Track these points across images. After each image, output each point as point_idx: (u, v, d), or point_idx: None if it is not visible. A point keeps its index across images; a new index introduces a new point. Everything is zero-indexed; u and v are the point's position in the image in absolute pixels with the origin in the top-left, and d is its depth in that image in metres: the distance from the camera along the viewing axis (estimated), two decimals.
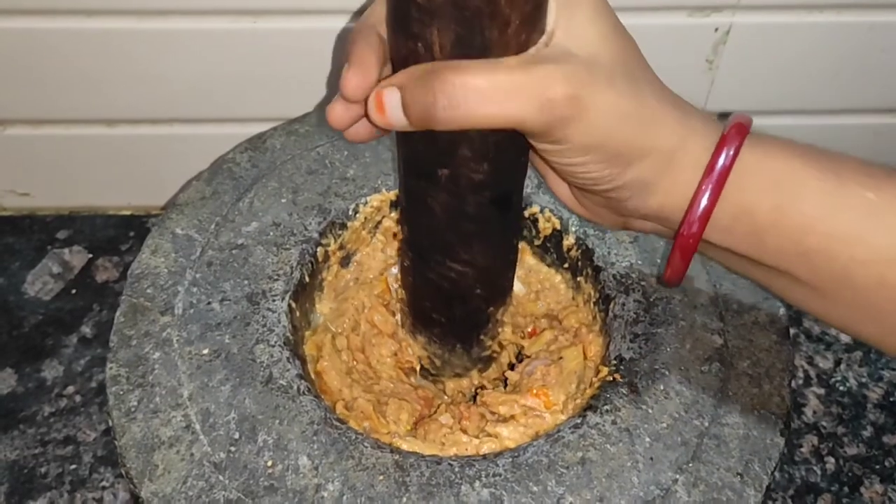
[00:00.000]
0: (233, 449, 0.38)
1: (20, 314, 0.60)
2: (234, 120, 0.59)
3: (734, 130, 0.29)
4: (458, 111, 0.28)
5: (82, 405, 0.56)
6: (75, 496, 0.52)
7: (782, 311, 0.43)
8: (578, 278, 0.47)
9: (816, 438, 0.55)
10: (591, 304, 0.46)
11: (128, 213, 0.66)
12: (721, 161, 0.29)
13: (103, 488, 0.52)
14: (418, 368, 0.46)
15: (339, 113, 0.32)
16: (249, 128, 0.54)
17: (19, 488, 0.52)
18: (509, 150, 0.32)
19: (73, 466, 0.53)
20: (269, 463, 0.37)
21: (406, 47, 0.29)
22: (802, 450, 0.54)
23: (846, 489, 0.53)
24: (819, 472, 0.54)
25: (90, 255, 0.63)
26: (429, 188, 0.34)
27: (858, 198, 0.28)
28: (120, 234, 0.65)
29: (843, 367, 0.59)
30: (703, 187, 0.29)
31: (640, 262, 0.45)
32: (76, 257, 0.63)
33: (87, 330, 0.59)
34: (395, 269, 0.48)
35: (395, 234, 0.49)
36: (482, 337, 0.43)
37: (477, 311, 0.41)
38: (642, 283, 0.44)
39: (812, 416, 0.56)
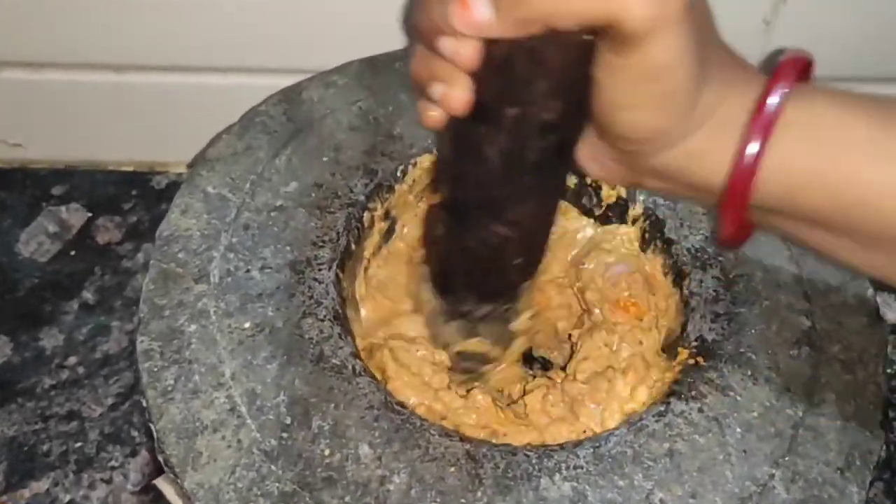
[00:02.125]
0: (285, 435, 0.34)
1: (14, 276, 0.54)
2: (253, 70, 0.54)
3: (785, 69, 0.27)
4: None
5: (86, 377, 0.51)
6: (82, 476, 0.47)
7: (870, 291, 0.40)
8: (647, 251, 0.44)
9: None
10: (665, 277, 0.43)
11: (129, 168, 0.61)
12: (768, 109, 0.27)
13: (112, 468, 0.48)
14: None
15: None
16: (271, 80, 0.49)
17: (19, 467, 0.47)
18: (583, 85, 0.28)
19: (79, 444, 0.48)
20: (327, 452, 0.33)
21: None
22: None
23: None
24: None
25: (89, 214, 0.58)
26: (489, 132, 0.30)
27: None
28: (121, 192, 0.60)
29: (888, 349, 0.56)
30: (753, 134, 0.27)
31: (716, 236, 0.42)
32: (74, 216, 0.58)
33: (88, 295, 0.54)
34: None
35: None
36: (508, 311, 0.40)
37: (510, 286, 0.38)
38: (720, 258, 0.41)
39: None
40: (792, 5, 0.53)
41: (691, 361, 0.38)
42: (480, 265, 0.36)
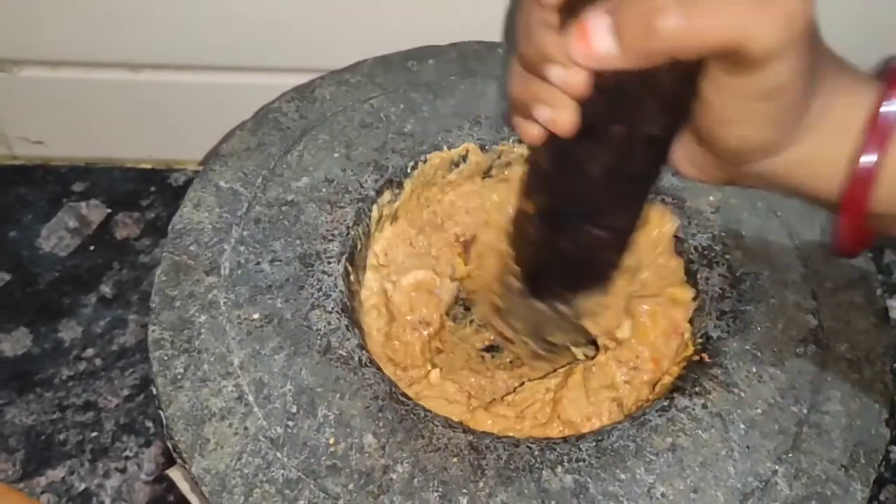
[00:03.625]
0: (290, 424, 0.34)
1: (35, 270, 0.56)
2: (270, 69, 0.55)
3: None
4: (693, 21, 0.24)
5: (103, 369, 0.52)
6: (97, 465, 0.48)
7: (879, 290, 0.40)
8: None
9: None
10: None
11: (148, 166, 0.62)
12: (883, 114, 0.27)
13: (126, 458, 0.49)
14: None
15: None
16: (286, 79, 0.49)
17: (36, 455, 0.48)
18: (689, 99, 0.29)
19: (94, 434, 0.49)
20: (332, 440, 0.34)
21: None
22: None
23: None
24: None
25: (109, 210, 0.59)
26: (593, 149, 0.30)
27: None
28: (140, 188, 0.61)
29: None
30: (870, 142, 0.27)
31: (723, 234, 0.42)
32: (94, 212, 0.59)
33: (106, 289, 0.55)
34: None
35: None
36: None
37: (601, 280, 0.39)
38: (727, 256, 0.41)
39: None
40: None
41: (696, 358, 0.38)
42: (574, 264, 0.36)
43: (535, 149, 0.34)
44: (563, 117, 0.29)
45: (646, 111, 0.28)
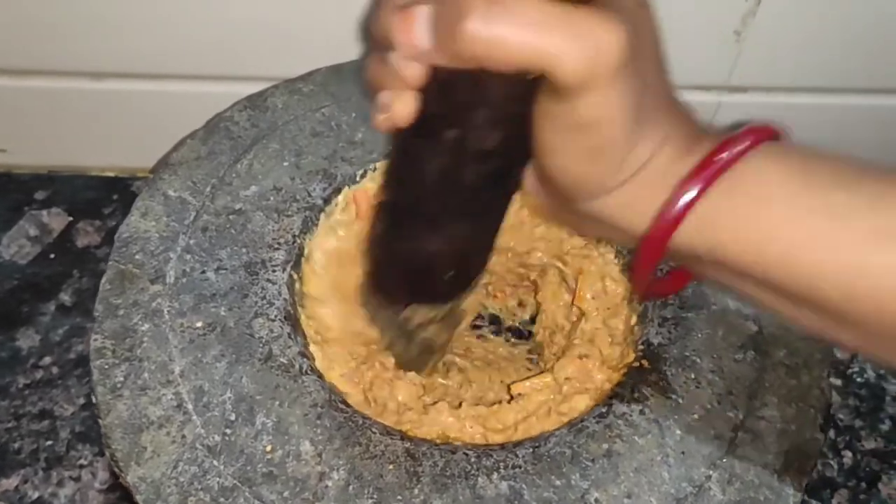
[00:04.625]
0: (228, 431, 0.34)
1: None
2: (233, 78, 0.55)
3: (744, 135, 0.27)
4: (493, 29, 0.24)
5: (59, 377, 0.52)
6: (51, 474, 0.48)
7: None
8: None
9: (833, 431, 0.53)
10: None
11: (111, 174, 0.62)
12: (716, 160, 0.26)
13: (81, 466, 0.49)
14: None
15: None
16: (249, 87, 0.50)
17: None
18: (526, 120, 0.28)
19: (49, 442, 0.49)
20: (269, 448, 0.34)
21: None
22: None
23: (863, 484, 0.51)
24: (836, 466, 0.51)
25: (70, 219, 0.59)
26: (429, 148, 0.30)
27: (822, 199, 0.25)
28: (102, 196, 0.61)
29: (860, 358, 0.56)
30: (686, 187, 0.26)
31: None
32: (55, 220, 0.59)
33: (65, 297, 0.55)
34: None
35: None
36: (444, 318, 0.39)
37: (441, 296, 0.37)
38: (671, 264, 0.41)
39: None
40: (762, 17, 0.54)
41: (636, 364, 0.38)
42: (412, 271, 0.36)
43: (391, 138, 0.33)
44: (398, 106, 0.28)
45: (477, 120, 0.28)
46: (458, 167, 0.30)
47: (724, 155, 0.26)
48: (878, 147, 0.61)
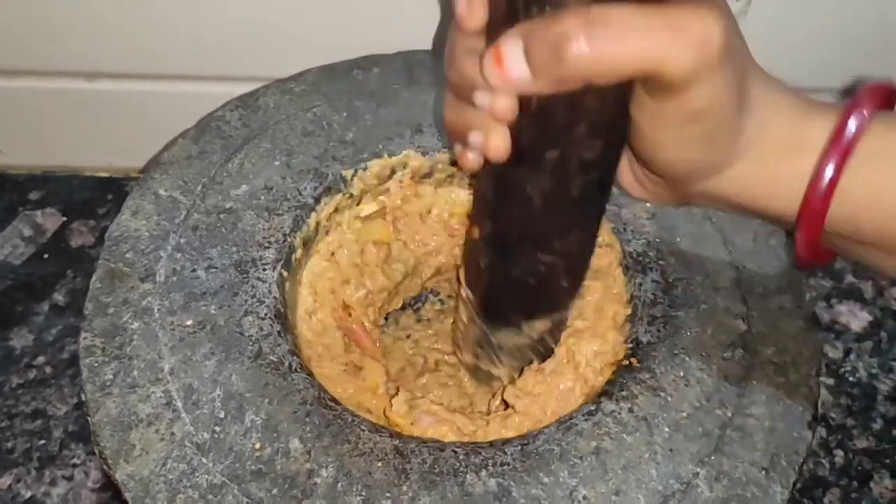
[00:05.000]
0: (217, 429, 0.34)
1: None
2: (226, 78, 0.55)
3: (866, 95, 0.27)
4: (599, 46, 0.24)
5: (53, 377, 0.52)
6: (44, 473, 0.48)
7: (809, 295, 0.40)
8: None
9: (825, 430, 0.53)
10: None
11: (106, 174, 0.62)
12: (848, 131, 0.27)
13: (74, 466, 0.49)
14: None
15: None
16: (243, 87, 0.50)
17: None
18: (622, 123, 0.29)
19: (42, 442, 0.49)
20: (258, 445, 0.34)
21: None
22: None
23: (855, 483, 0.51)
24: (827, 465, 0.51)
25: (64, 219, 0.59)
26: (530, 175, 0.31)
27: None
28: (97, 196, 0.61)
29: (852, 357, 0.56)
30: (829, 158, 0.27)
31: (658, 240, 0.42)
32: (49, 220, 0.59)
33: (59, 297, 0.56)
34: None
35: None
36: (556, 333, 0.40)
37: (557, 307, 0.39)
38: (661, 262, 0.41)
39: (820, 408, 0.53)
40: (753, 17, 0.54)
41: (626, 363, 0.38)
42: (528, 291, 0.36)
43: (478, 175, 0.34)
44: (494, 143, 0.29)
45: (576, 135, 0.29)
46: (561, 185, 0.31)
47: (851, 124, 0.27)
48: None
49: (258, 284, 0.39)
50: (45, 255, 0.57)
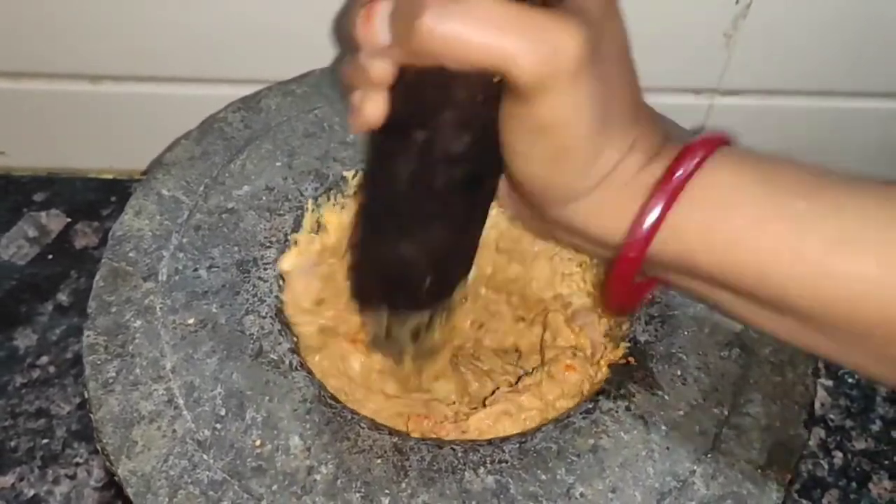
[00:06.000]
0: (218, 426, 0.35)
1: None
2: (229, 81, 0.56)
3: (699, 145, 0.27)
4: (448, 26, 0.24)
5: (56, 376, 0.52)
6: (47, 471, 0.49)
7: None
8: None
9: (824, 432, 0.53)
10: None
11: (110, 176, 0.63)
12: (677, 176, 0.26)
13: (77, 464, 0.49)
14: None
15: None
16: (245, 89, 0.51)
17: None
18: (493, 128, 0.28)
19: (46, 441, 0.50)
20: (258, 442, 0.35)
21: None
22: (809, 443, 0.52)
23: (854, 484, 0.51)
24: (826, 466, 0.52)
25: (68, 220, 0.60)
26: (399, 149, 0.30)
27: (785, 207, 0.25)
28: (101, 198, 0.61)
29: None
30: (652, 204, 0.26)
31: None
32: (53, 221, 0.60)
33: (63, 297, 0.56)
34: None
35: None
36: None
37: (420, 304, 0.37)
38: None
39: (819, 409, 0.54)
40: (752, 19, 0.54)
41: (623, 361, 0.38)
42: (389, 277, 0.36)
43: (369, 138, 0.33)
44: (368, 106, 0.28)
45: (443, 121, 0.28)
46: (427, 170, 0.30)
47: (682, 169, 0.26)
48: (869, 149, 0.62)
49: (259, 284, 0.40)
50: (50, 256, 0.58)
